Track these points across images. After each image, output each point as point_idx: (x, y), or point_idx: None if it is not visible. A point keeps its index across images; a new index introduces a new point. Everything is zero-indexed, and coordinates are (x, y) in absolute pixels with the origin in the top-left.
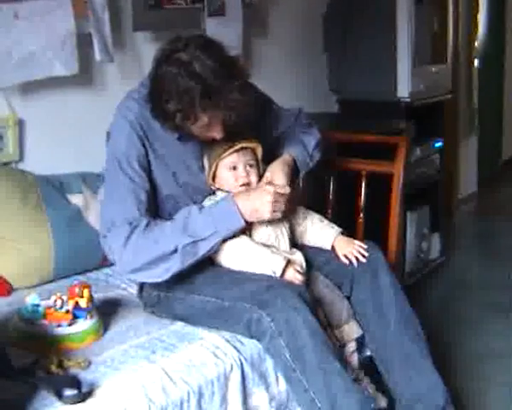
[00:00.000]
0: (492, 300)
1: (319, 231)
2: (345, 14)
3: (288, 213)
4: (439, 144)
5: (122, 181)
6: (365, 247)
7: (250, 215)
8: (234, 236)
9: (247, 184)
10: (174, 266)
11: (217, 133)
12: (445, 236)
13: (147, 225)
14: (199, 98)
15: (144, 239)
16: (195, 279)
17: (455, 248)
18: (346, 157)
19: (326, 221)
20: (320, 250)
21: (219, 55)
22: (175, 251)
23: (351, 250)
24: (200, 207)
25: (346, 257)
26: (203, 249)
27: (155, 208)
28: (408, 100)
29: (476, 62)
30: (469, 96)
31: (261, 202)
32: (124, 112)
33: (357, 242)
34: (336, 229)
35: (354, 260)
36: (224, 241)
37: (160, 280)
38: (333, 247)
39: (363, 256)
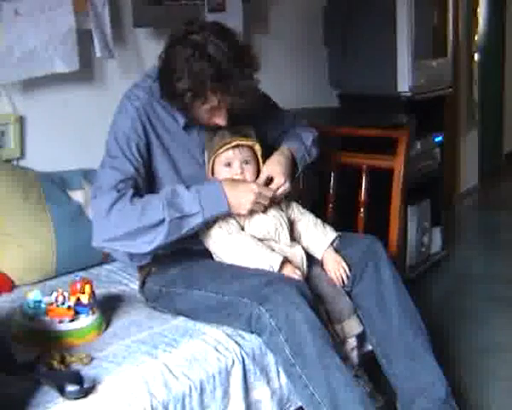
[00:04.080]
0: (494, 293)
1: (311, 240)
2: (345, 8)
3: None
4: (439, 138)
5: (117, 155)
6: (348, 273)
7: (232, 205)
8: (233, 231)
9: None
10: (158, 238)
11: (221, 120)
12: (447, 230)
13: (133, 194)
14: (210, 80)
15: (131, 207)
16: (197, 274)
17: (456, 242)
18: (347, 152)
19: (320, 226)
20: None
21: (233, 42)
22: (162, 222)
23: (335, 272)
24: (186, 186)
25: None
26: (187, 226)
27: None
28: (408, 94)
29: (476, 56)
30: (470, 89)
31: (244, 198)
32: (131, 99)
33: (343, 264)
34: (328, 238)
35: (337, 282)
36: (223, 236)
37: (136, 252)
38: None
39: (344, 281)
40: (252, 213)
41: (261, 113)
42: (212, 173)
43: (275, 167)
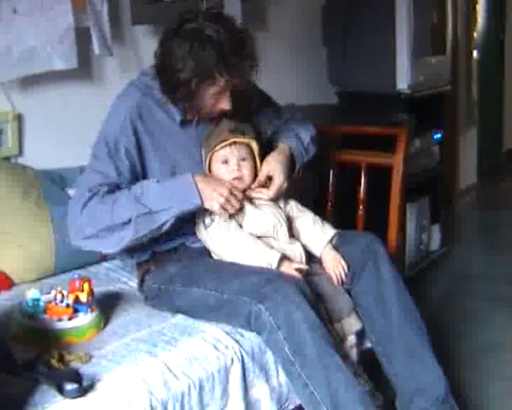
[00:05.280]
0: (494, 292)
1: (310, 237)
2: (344, 6)
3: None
4: (438, 136)
5: (102, 157)
6: (347, 271)
7: (205, 199)
8: (231, 228)
9: (239, 178)
10: (127, 236)
11: (225, 104)
12: (446, 227)
13: (105, 192)
14: (215, 62)
15: (101, 206)
16: (196, 272)
17: (455, 240)
18: (347, 150)
19: (319, 223)
20: None
21: (229, 24)
22: (129, 221)
23: (334, 269)
24: (158, 179)
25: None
26: (157, 223)
27: None
28: (407, 92)
29: (475, 54)
30: (469, 87)
31: (216, 191)
32: (125, 97)
33: (342, 262)
34: (327, 235)
35: (335, 281)
36: (222, 234)
37: (111, 251)
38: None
39: (342, 280)
40: (253, 206)
41: (258, 108)
42: (210, 170)
43: (275, 166)
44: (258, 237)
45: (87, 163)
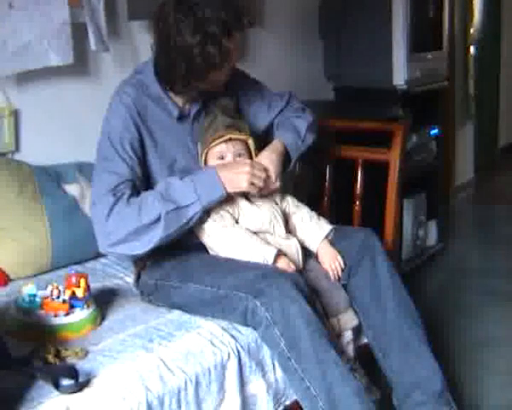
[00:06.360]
0: (490, 287)
1: (307, 232)
2: (340, 1)
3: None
4: (435, 131)
5: (112, 157)
6: (343, 267)
7: (229, 185)
8: (227, 224)
9: None
10: (157, 235)
11: (223, 76)
12: (442, 223)
13: (130, 195)
14: (219, 27)
15: (128, 209)
16: (192, 268)
17: (452, 236)
18: (343, 145)
19: (315, 218)
20: None
21: None
22: (158, 219)
23: (330, 265)
24: (180, 177)
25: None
26: (185, 217)
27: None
28: (404, 87)
29: (472, 49)
30: (465, 83)
31: (239, 171)
32: (121, 96)
33: (338, 257)
34: (323, 231)
35: (331, 276)
36: (217, 230)
37: (141, 252)
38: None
39: (339, 275)
40: (249, 201)
41: (252, 96)
42: (206, 166)
43: (266, 165)
44: (255, 233)
45: (96, 166)
